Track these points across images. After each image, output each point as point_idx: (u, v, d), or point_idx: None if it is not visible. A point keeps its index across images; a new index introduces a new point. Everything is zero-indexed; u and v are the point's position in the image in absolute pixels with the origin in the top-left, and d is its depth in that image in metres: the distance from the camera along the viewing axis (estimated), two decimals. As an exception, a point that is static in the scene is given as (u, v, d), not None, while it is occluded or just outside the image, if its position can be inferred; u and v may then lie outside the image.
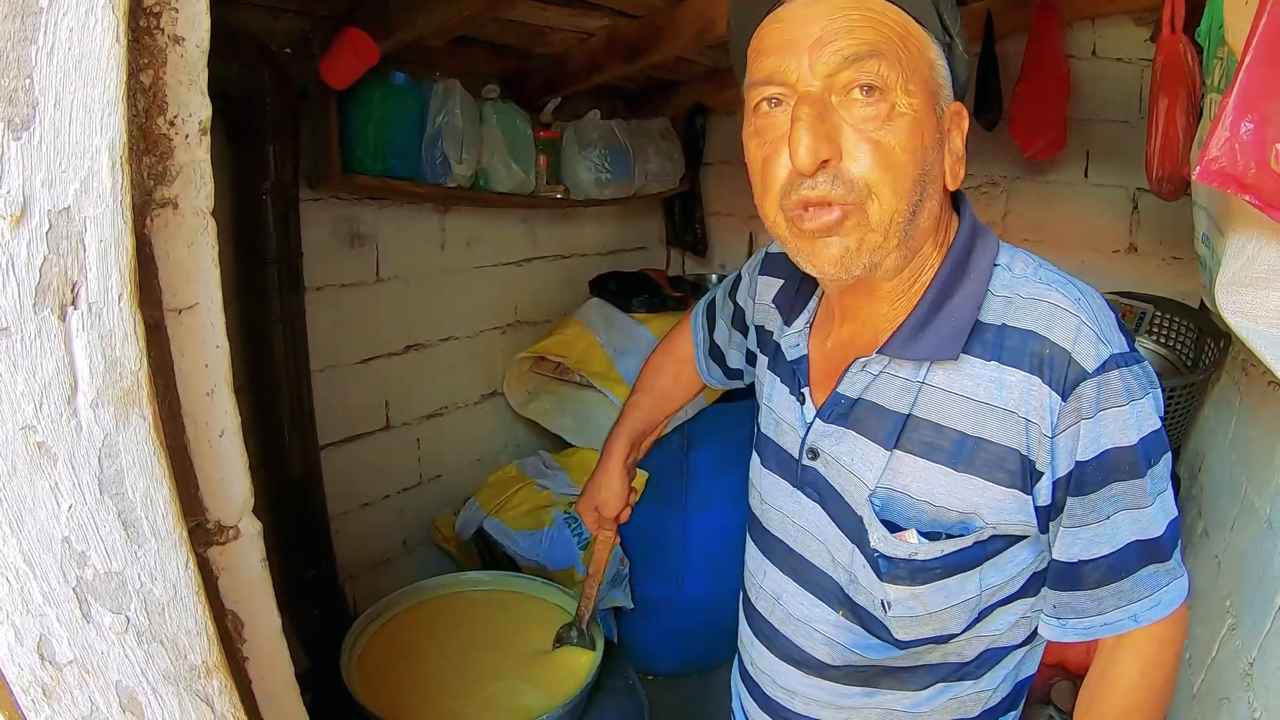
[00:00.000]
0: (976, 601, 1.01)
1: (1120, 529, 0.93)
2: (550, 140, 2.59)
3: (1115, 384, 0.89)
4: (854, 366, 1.01)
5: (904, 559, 0.98)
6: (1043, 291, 0.93)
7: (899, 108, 0.86)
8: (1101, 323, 0.92)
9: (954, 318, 0.94)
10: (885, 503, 0.99)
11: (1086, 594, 0.97)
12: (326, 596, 2.00)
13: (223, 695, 0.74)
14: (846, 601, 1.07)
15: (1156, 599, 0.96)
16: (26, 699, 0.63)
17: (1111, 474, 0.91)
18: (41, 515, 0.59)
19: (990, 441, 0.93)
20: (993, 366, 0.92)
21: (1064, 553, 0.97)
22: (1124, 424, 0.90)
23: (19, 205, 0.52)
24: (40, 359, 0.56)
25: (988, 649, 1.07)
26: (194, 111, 0.66)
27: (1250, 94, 0.98)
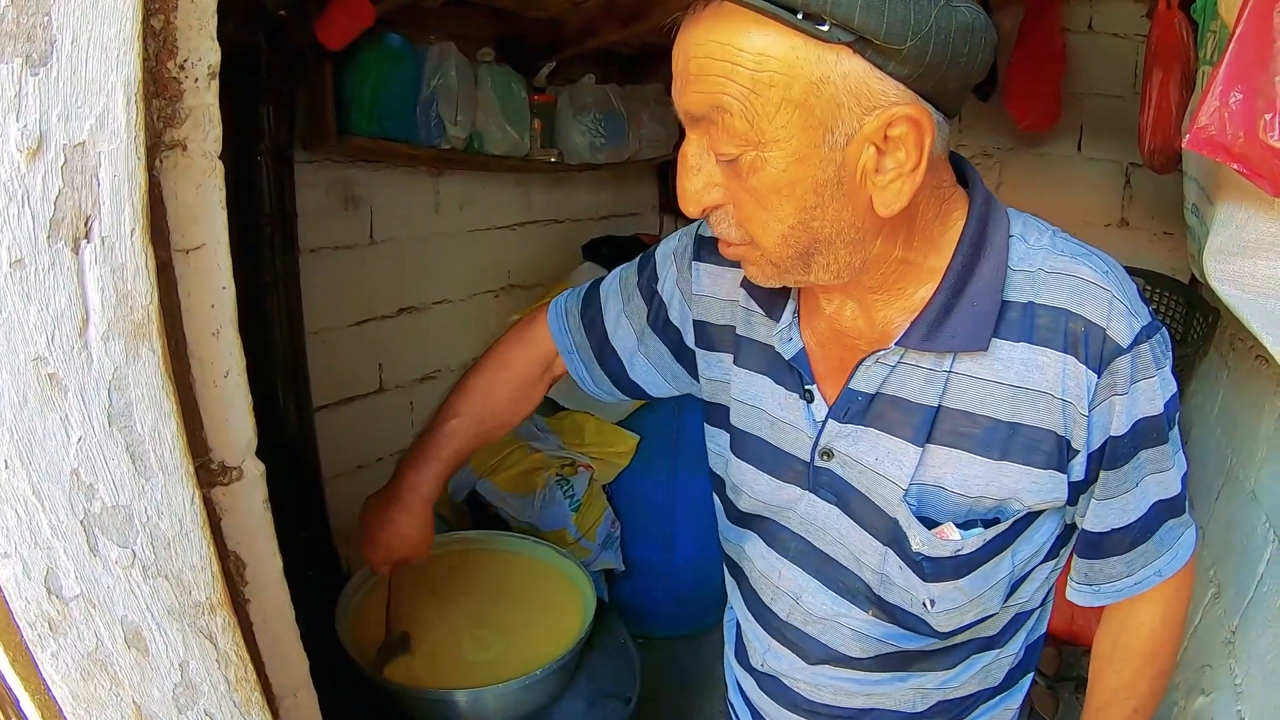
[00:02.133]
0: (1010, 577, 0.99)
1: (1147, 492, 0.93)
2: (545, 104, 2.58)
3: (1146, 356, 0.86)
4: (868, 360, 0.93)
5: (949, 557, 0.94)
6: (1068, 265, 0.87)
7: (752, 162, 0.77)
8: (1129, 294, 0.87)
9: (978, 302, 0.86)
10: (920, 500, 0.93)
11: (1118, 559, 0.98)
12: (320, 558, 2.01)
13: (226, 632, 0.75)
14: (878, 601, 1.02)
15: (1175, 550, 0.98)
16: (33, 633, 0.64)
17: (1142, 443, 0.90)
18: (51, 447, 0.60)
19: (1026, 425, 0.88)
20: (1023, 348, 0.87)
21: (1097, 524, 0.96)
22: (1153, 393, 0.88)
23: (35, 139, 0.53)
24: (53, 291, 0.57)
25: (1013, 616, 1.08)
26: (203, 56, 0.66)
27: (1240, 65, 1.00)
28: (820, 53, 0.71)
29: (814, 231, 0.80)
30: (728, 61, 0.72)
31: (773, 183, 0.77)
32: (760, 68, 0.71)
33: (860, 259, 0.84)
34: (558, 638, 1.62)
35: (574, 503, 2.52)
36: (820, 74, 0.71)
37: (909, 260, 0.88)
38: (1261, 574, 1.43)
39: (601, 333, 1.23)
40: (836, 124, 0.74)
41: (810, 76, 0.71)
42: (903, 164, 0.76)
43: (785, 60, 0.71)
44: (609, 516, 2.66)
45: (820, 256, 0.83)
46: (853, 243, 0.82)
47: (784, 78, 0.71)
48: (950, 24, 0.71)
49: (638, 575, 2.77)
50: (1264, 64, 0.99)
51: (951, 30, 0.71)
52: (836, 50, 0.71)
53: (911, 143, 0.75)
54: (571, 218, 3.10)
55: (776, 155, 0.75)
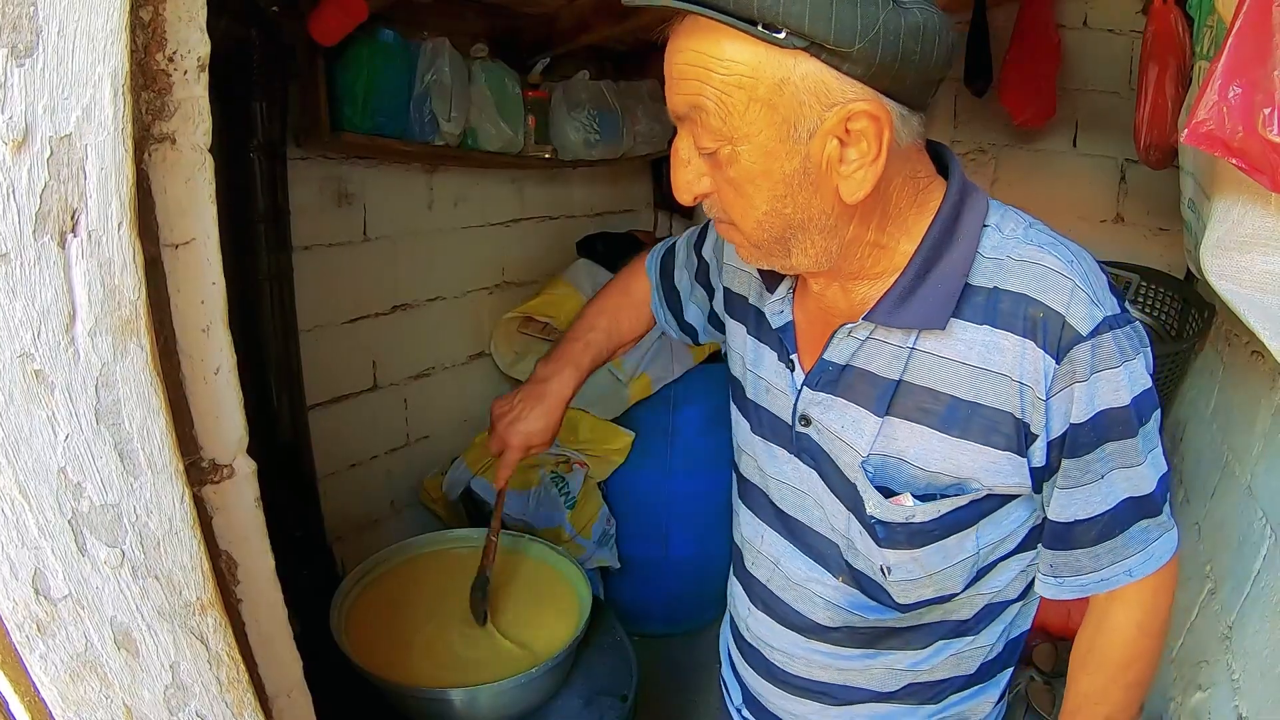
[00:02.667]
0: (975, 560, 1.02)
1: (1114, 487, 0.94)
2: (539, 100, 2.57)
3: (1109, 346, 0.89)
4: (840, 332, 1.00)
5: (901, 523, 0.99)
6: (1034, 254, 0.91)
7: (728, 155, 0.85)
8: (1094, 285, 0.91)
9: (941, 283, 0.92)
10: (879, 469, 0.99)
11: (1084, 552, 0.99)
12: (315, 557, 2.00)
13: (217, 633, 0.74)
14: (846, 567, 1.09)
15: (1149, 553, 0.98)
16: (20, 634, 0.63)
17: (1105, 434, 0.92)
18: (38, 445, 0.59)
19: (985, 406, 0.93)
20: (985, 330, 0.91)
21: (1060, 513, 0.98)
22: (1117, 385, 0.90)
23: (21, 131, 0.52)
24: (39, 286, 0.56)
25: (987, 604, 1.09)
26: (192, 48, 0.66)
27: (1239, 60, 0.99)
28: (780, 57, 0.79)
29: (787, 218, 0.88)
30: (702, 67, 0.81)
31: (747, 173, 0.86)
32: (729, 72, 0.80)
33: (836, 245, 0.92)
34: (554, 636, 1.62)
35: (569, 500, 2.51)
36: (781, 75, 0.79)
37: (882, 244, 0.94)
38: (1258, 569, 1.42)
39: (671, 276, 1.40)
40: (800, 119, 0.81)
41: (773, 78, 0.79)
42: (864, 155, 0.83)
43: (750, 64, 0.79)
44: (604, 514, 2.65)
45: (797, 241, 0.91)
46: (826, 229, 0.90)
47: (751, 80, 0.80)
48: (899, 25, 0.77)
49: (633, 573, 2.77)
50: (1263, 59, 0.98)
51: (901, 31, 0.77)
52: (794, 54, 0.78)
53: (871, 135, 0.82)
54: (566, 214, 3.09)
55: (748, 149, 0.84)
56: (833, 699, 1.17)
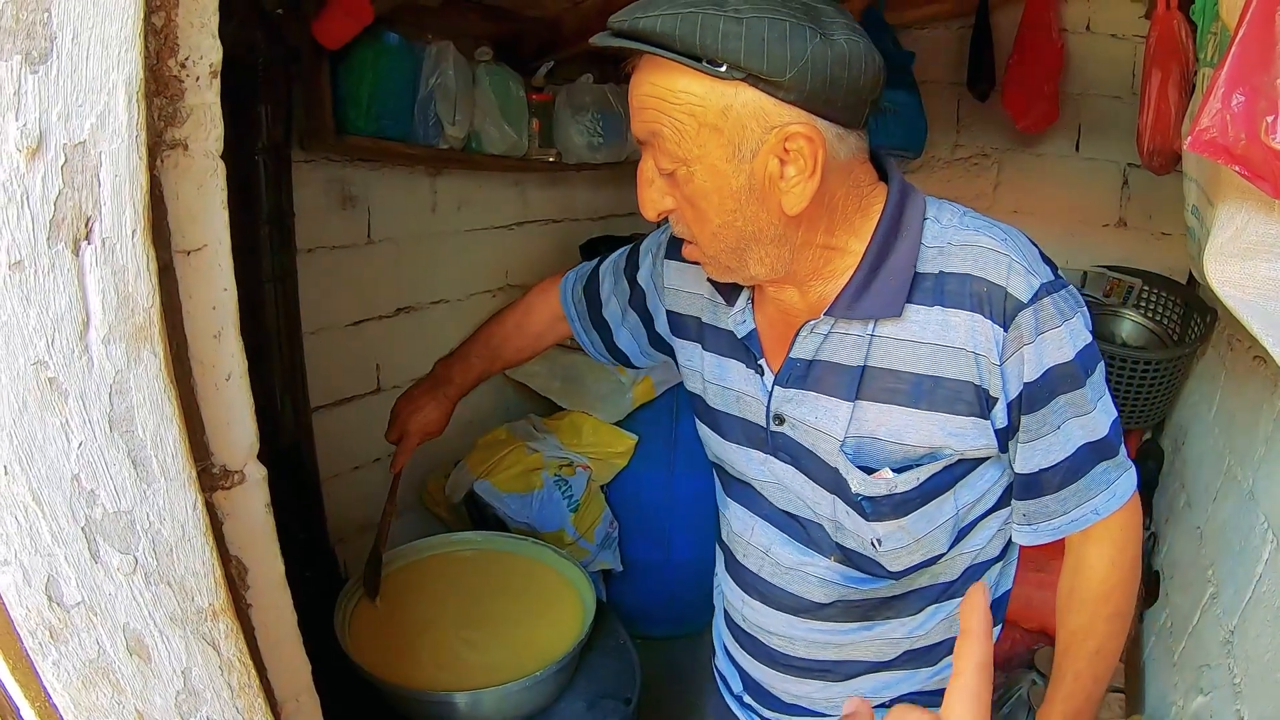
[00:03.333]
0: (955, 521, 1.11)
1: (1071, 435, 1.03)
2: (543, 103, 2.57)
3: (1049, 309, 0.98)
4: (803, 330, 1.07)
5: (885, 495, 1.07)
6: (971, 237, 1.01)
7: (684, 174, 0.95)
8: (1028, 257, 1.00)
9: (893, 276, 1.00)
10: (857, 450, 1.07)
11: (1051, 497, 1.07)
12: (318, 559, 2.00)
13: (229, 639, 0.74)
14: (836, 548, 1.16)
15: (1112, 491, 1.07)
16: (33, 641, 0.63)
17: (1056, 388, 1.01)
18: (51, 452, 0.59)
19: (946, 378, 1.01)
20: (936, 311, 1.00)
21: (1025, 465, 1.06)
22: (1061, 342, 0.99)
23: (35, 138, 0.52)
24: (53, 294, 0.56)
25: (970, 565, 1.18)
26: (205, 54, 0.66)
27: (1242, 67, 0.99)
28: (723, 87, 0.89)
29: (739, 230, 0.98)
30: (658, 98, 0.92)
31: (700, 190, 0.96)
32: (681, 101, 0.91)
33: (788, 251, 1.01)
34: (557, 639, 1.62)
35: (572, 503, 2.51)
36: (725, 103, 0.90)
37: (832, 246, 1.03)
38: (1260, 574, 1.43)
39: (597, 304, 1.46)
40: (743, 141, 0.91)
41: (718, 105, 0.90)
42: (802, 171, 0.93)
43: (699, 94, 0.90)
44: (607, 517, 2.65)
45: (751, 252, 1.00)
46: (775, 238, 0.99)
47: (700, 108, 0.90)
48: (827, 55, 0.87)
49: (636, 575, 2.77)
50: (1266, 66, 0.98)
51: (829, 60, 0.87)
52: (735, 85, 0.89)
53: (807, 154, 0.91)
54: (569, 217, 3.09)
55: (700, 169, 0.94)
56: (834, 675, 1.24)
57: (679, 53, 0.88)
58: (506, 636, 1.65)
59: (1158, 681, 1.80)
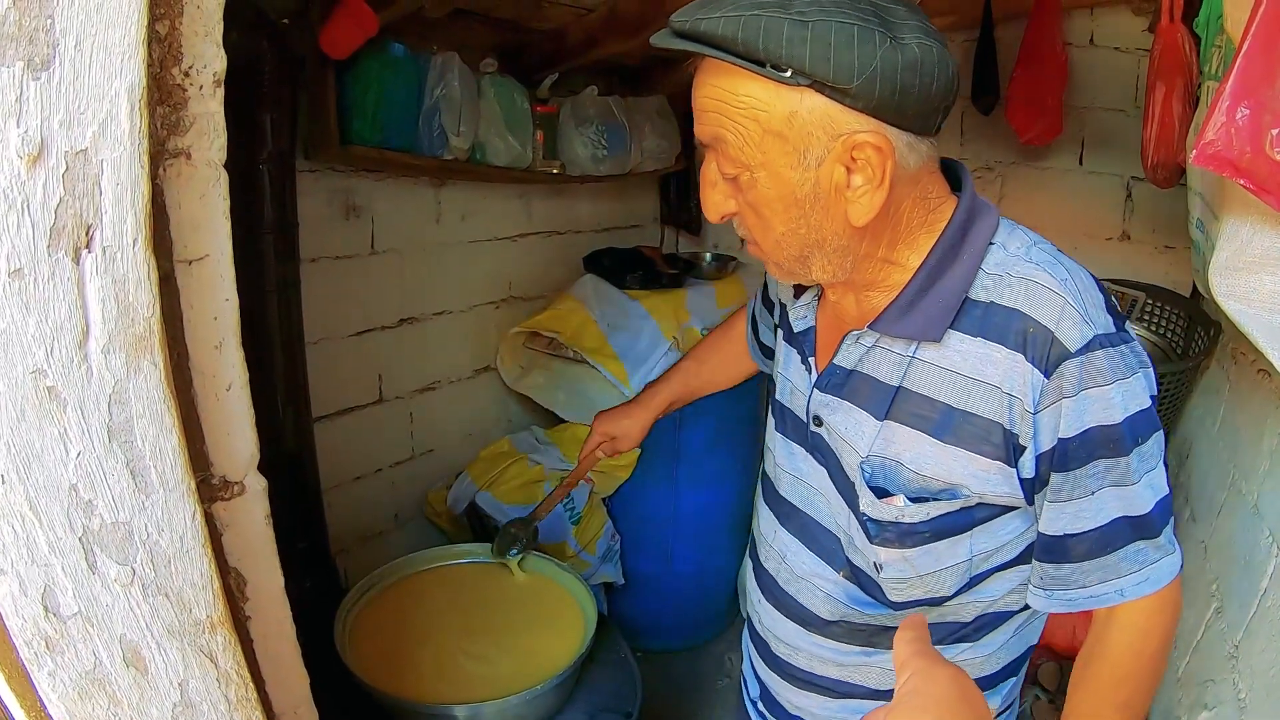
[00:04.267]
0: (968, 566, 1.06)
1: (1105, 504, 0.96)
2: (547, 115, 2.57)
3: (1099, 363, 0.92)
4: (848, 339, 1.06)
5: (891, 522, 1.03)
6: (1031, 271, 0.95)
7: (747, 180, 0.93)
8: (1086, 302, 0.94)
9: (941, 298, 0.97)
10: (876, 470, 1.03)
11: (1072, 566, 1.00)
12: (319, 569, 2.00)
13: (227, 651, 0.74)
14: (847, 563, 1.13)
15: (1144, 575, 0.98)
16: (29, 651, 0.63)
17: (1095, 451, 0.94)
18: (49, 462, 0.59)
19: (975, 415, 0.97)
20: (978, 342, 0.96)
21: (1049, 526, 0.99)
22: (1108, 403, 0.92)
23: (36, 145, 0.52)
24: (53, 302, 0.56)
25: (985, 613, 1.11)
26: (208, 63, 0.65)
27: (1247, 81, 0.99)
28: (788, 93, 0.86)
29: (802, 238, 0.96)
30: (721, 101, 0.90)
31: (763, 197, 0.94)
32: (745, 106, 0.88)
33: (850, 261, 0.99)
34: (558, 652, 1.61)
35: (574, 515, 2.50)
36: (790, 109, 0.87)
37: (892, 260, 1.01)
38: (1265, 588, 1.41)
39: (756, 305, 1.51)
40: (808, 149, 0.89)
41: (783, 111, 0.87)
42: (870, 181, 0.90)
43: (763, 99, 0.87)
44: (609, 529, 2.65)
45: (815, 259, 0.99)
46: (839, 249, 0.97)
47: (765, 113, 0.88)
48: (897, 62, 0.84)
49: (637, 589, 2.76)
50: (1271, 79, 0.98)
51: (899, 67, 0.84)
52: (800, 91, 0.86)
53: (875, 164, 0.89)
54: (573, 229, 3.09)
55: (764, 175, 0.92)
56: (833, 693, 1.21)
57: (742, 57, 0.85)
58: (507, 649, 1.64)
59: (1162, 696, 1.78)
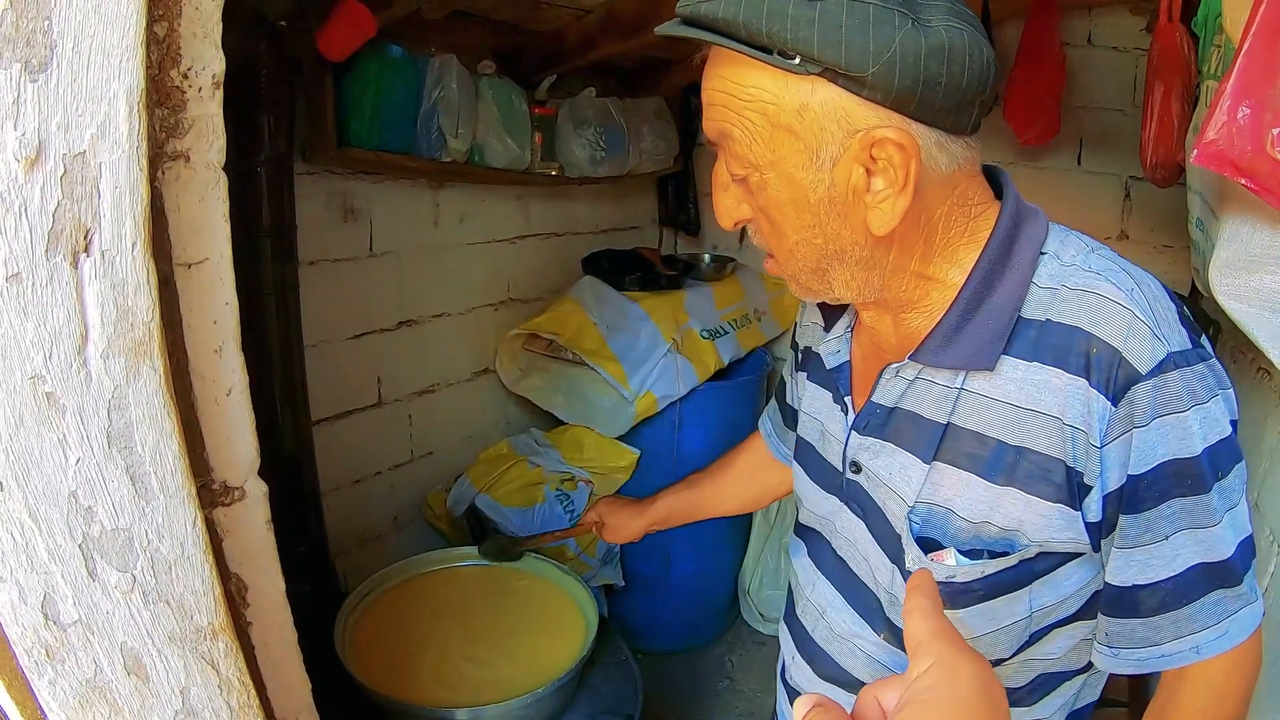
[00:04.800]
0: (1026, 624, 0.92)
1: (1182, 551, 0.82)
2: (545, 117, 2.57)
3: (1174, 387, 0.79)
4: (887, 373, 0.93)
5: (941, 581, 0.89)
6: (1091, 282, 0.83)
7: (757, 181, 0.84)
8: (1158, 316, 0.81)
9: (991, 320, 0.85)
10: (925, 520, 0.91)
11: (1142, 621, 0.86)
12: (318, 573, 1.99)
13: (228, 658, 0.73)
14: (888, 624, 1.00)
15: (1223, 628, 0.84)
16: (29, 660, 0.62)
17: (1171, 489, 0.81)
18: (48, 469, 0.59)
19: (1033, 451, 0.84)
20: (1035, 368, 0.83)
21: (1117, 576, 0.86)
22: (1185, 432, 0.79)
23: (34, 148, 0.52)
24: (51, 307, 0.55)
25: (1042, 674, 0.98)
26: (207, 65, 0.65)
27: (1248, 80, 0.99)
28: (798, 83, 0.77)
29: (818, 248, 0.85)
30: (728, 94, 0.81)
31: (775, 201, 0.83)
32: (752, 98, 0.79)
33: (877, 276, 0.87)
34: (559, 655, 1.61)
35: (573, 518, 2.49)
36: (800, 102, 0.77)
37: (928, 275, 0.88)
38: (1266, 587, 1.41)
39: (782, 398, 1.34)
40: (822, 146, 0.79)
41: (793, 104, 0.78)
42: (892, 183, 0.79)
43: (771, 91, 0.78)
44: (609, 530, 2.64)
45: (835, 273, 0.88)
46: (861, 260, 0.86)
47: (773, 107, 0.78)
48: (919, 47, 0.74)
49: (637, 591, 2.76)
50: (1272, 79, 0.98)
51: (922, 52, 0.74)
52: (811, 80, 0.76)
53: (898, 164, 0.78)
54: (571, 231, 3.09)
55: (774, 176, 0.82)
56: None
57: (744, 42, 0.76)
58: (508, 652, 1.63)
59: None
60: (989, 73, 0.79)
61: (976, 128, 0.84)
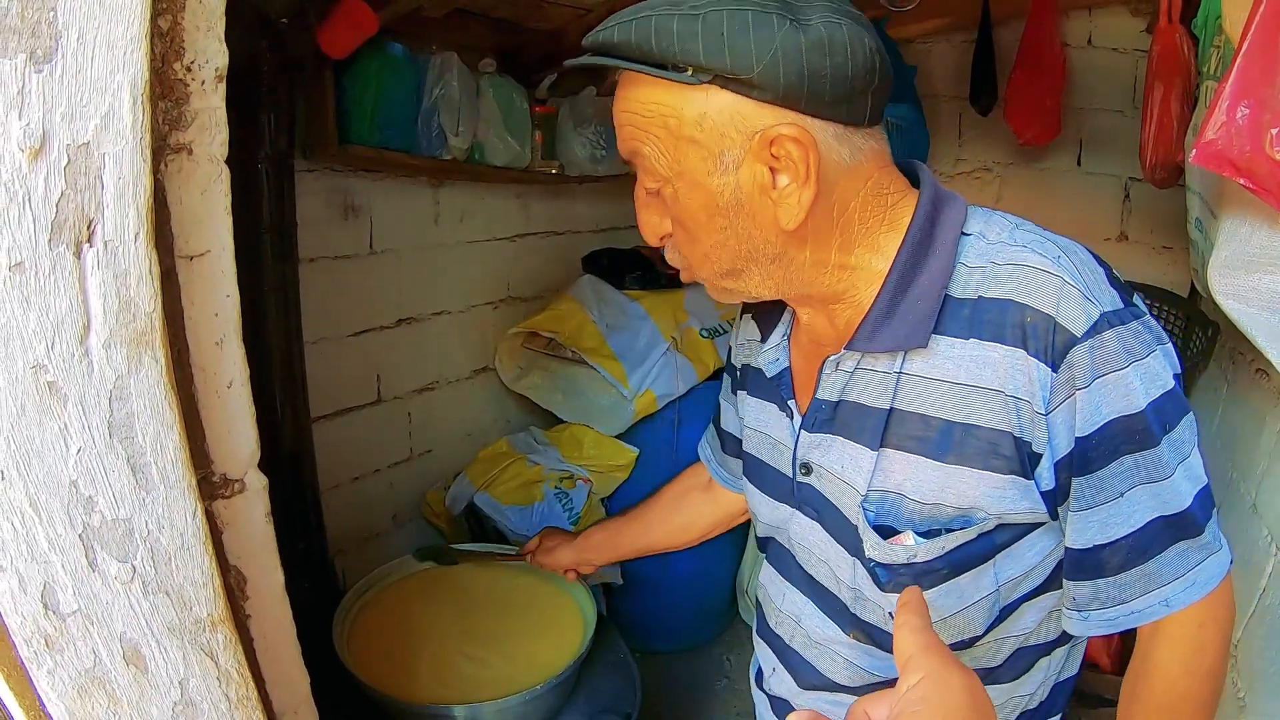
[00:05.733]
0: (994, 599, 0.94)
1: (1138, 506, 0.84)
2: (546, 116, 2.57)
3: (1111, 345, 0.80)
4: (826, 367, 0.95)
5: (903, 564, 0.92)
6: (1019, 255, 0.85)
7: (670, 193, 0.88)
8: (1087, 279, 0.83)
9: (921, 300, 0.87)
10: (879, 507, 0.92)
11: (1108, 581, 0.88)
12: (317, 570, 1.99)
13: (227, 650, 0.73)
14: (855, 622, 1.02)
15: (1190, 579, 0.86)
16: (28, 650, 0.63)
17: (1120, 446, 0.82)
18: (49, 458, 0.59)
19: (978, 426, 0.85)
20: (972, 344, 0.85)
21: (1077, 538, 0.88)
22: (1127, 389, 0.81)
23: (38, 138, 0.52)
24: (54, 296, 0.55)
25: (1019, 649, 1.00)
26: (210, 58, 0.65)
27: (1247, 80, 0.99)
28: (693, 94, 0.81)
29: (732, 249, 0.89)
30: (633, 113, 0.86)
31: (688, 209, 0.88)
32: (653, 114, 0.84)
33: (795, 272, 0.91)
34: (557, 653, 1.61)
35: (573, 516, 2.50)
36: (698, 111, 0.82)
37: (850, 265, 0.91)
38: (1264, 587, 1.42)
39: (719, 425, 1.34)
40: (724, 151, 0.83)
41: (692, 115, 0.82)
42: (796, 178, 0.83)
43: (671, 105, 0.82)
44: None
45: (749, 273, 0.91)
46: (774, 257, 0.89)
47: (675, 120, 0.83)
48: (799, 43, 0.78)
49: (635, 590, 2.75)
50: (1270, 79, 0.98)
51: (802, 48, 0.78)
52: (705, 89, 0.81)
53: (797, 158, 0.81)
54: (571, 229, 3.09)
55: (684, 185, 0.86)
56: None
57: (640, 62, 0.82)
58: (506, 650, 1.63)
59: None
60: (873, 61, 0.82)
61: (876, 119, 0.87)
